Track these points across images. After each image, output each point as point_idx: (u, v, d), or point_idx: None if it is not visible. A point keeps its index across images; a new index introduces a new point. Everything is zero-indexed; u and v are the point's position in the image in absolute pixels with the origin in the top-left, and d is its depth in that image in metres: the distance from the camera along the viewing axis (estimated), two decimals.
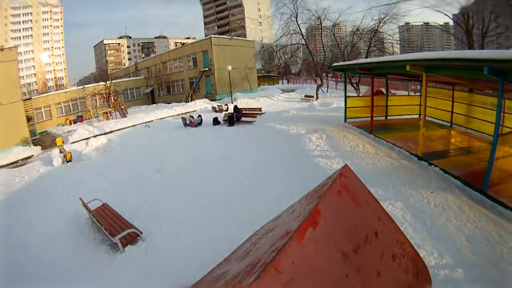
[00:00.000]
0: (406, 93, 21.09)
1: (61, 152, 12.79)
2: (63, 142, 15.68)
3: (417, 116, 13.28)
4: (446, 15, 16.16)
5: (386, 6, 19.63)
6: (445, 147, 9.35)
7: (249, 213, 5.71)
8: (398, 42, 26.40)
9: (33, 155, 15.83)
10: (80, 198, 6.78)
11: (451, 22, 31.43)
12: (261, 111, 17.22)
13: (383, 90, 15.67)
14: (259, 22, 78.82)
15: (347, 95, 13.15)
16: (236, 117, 14.71)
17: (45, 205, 8.12)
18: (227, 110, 19.64)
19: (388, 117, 13.36)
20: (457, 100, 10.83)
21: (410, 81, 19.89)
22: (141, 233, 5.49)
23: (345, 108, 12.87)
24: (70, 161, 12.05)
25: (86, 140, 13.80)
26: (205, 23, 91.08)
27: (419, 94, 14.10)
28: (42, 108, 28.05)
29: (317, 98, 23.90)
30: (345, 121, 12.78)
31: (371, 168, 7.31)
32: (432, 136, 9.62)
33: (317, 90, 25.06)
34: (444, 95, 11.23)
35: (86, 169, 10.81)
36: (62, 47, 79.05)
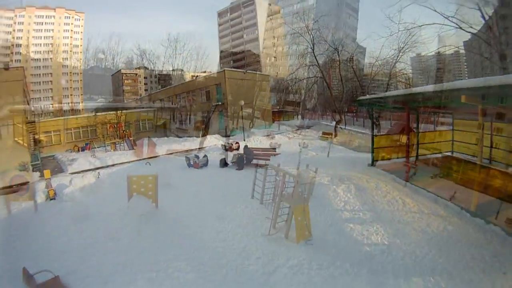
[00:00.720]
0: (430, 127, 19.21)
1: (46, 187, 11.34)
2: (51, 175, 14.14)
3: (450, 153, 11.81)
4: (478, 36, 14.67)
5: (406, 34, 18.32)
6: (495, 194, 7.57)
7: None
8: (411, 72, 25.06)
9: (28, 182, 14.01)
10: (23, 269, 5.00)
11: (461, 50, 29.83)
12: (275, 151, 15.35)
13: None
14: (274, 57, 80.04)
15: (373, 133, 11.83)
16: (246, 159, 12.83)
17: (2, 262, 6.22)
18: (237, 148, 17.73)
19: (419, 157, 11.61)
20: (495, 133, 9.39)
21: (436, 114, 18.18)
22: None
23: (372, 148, 11.34)
24: (54, 199, 10.72)
25: (71, 176, 12.23)
26: (221, 57, 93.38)
27: (450, 128, 12.60)
28: (52, 131, 27.48)
29: (336, 135, 22.06)
30: (373, 164, 11.28)
31: (423, 239, 5.75)
32: (474, 179, 7.82)
33: (336, 127, 23.37)
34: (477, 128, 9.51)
35: (63, 214, 9.04)
36: (81, 73, 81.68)
